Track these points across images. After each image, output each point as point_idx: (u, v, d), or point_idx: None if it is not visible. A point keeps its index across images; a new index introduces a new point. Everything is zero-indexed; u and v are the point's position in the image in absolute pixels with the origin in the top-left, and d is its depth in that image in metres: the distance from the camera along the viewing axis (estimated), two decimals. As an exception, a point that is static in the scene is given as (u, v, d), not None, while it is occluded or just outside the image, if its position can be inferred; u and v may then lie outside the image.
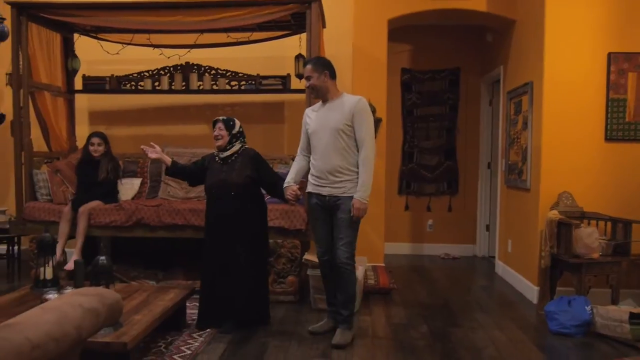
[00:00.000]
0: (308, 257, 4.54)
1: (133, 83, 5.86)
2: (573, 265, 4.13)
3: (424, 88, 7.11)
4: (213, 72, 5.74)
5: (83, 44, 5.80)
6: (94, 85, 5.82)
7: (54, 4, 4.95)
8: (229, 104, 6.14)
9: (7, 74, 5.90)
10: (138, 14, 4.88)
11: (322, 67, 3.61)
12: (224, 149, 3.90)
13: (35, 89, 5.15)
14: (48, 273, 3.52)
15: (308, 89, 3.80)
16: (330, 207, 3.62)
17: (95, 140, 4.99)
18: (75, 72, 5.80)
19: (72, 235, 4.78)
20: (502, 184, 5.95)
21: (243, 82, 5.72)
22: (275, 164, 5.16)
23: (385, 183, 5.93)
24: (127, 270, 4.99)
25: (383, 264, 5.74)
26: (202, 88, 5.74)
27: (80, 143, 5.49)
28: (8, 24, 4.84)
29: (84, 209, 4.72)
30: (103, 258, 3.20)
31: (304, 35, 4.88)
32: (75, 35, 5.77)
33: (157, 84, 5.77)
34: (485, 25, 6.36)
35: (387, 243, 6.07)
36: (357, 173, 3.56)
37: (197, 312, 3.93)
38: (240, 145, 3.94)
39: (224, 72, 5.74)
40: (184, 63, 5.78)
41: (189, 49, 5.67)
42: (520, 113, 5.21)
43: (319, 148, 3.61)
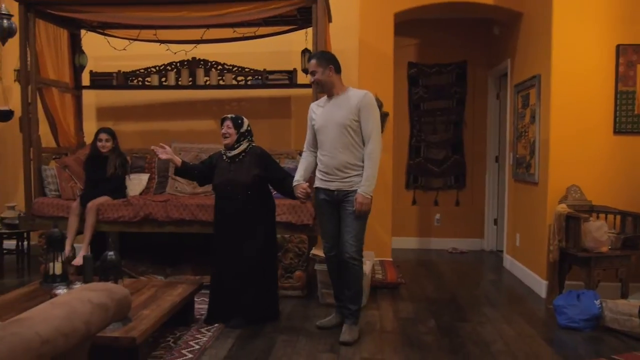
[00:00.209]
0: (315, 252, 4.54)
1: (140, 79, 5.86)
2: (582, 259, 4.11)
3: (431, 82, 7.08)
4: (219, 67, 5.73)
5: (90, 40, 5.82)
6: (101, 81, 5.83)
7: (61, 0, 4.97)
8: (236, 99, 6.14)
9: (15, 71, 5.94)
10: (144, 10, 4.89)
11: (326, 61, 3.59)
12: (232, 148, 3.89)
13: (43, 85, 5.17)
14: (57, 268, 3.53)
15: (313, 84, 3.79)
16: (339, 201, 3.60)
17: (103, 136, 5.00)
18: (83, 68, 5.82)
19: (80, 231, 4.80)
20: (509, 178, 5.92)
21: (249, 77, 5.71)
22: (282, 159, 5.16)
23: (393, 177, 5.92)
24: (135, 266, 5.01)
25: (390, 259, 5.74)
26: (208, 83, 5.73)
27: (88, 139, 5.51)
28: (16, 21, 4.90)
29: (92, 205, 4.75)
30: (111, 253, 3.22)
31: (310, 30, 4.87)
32: (83, 32, 5.79)
33: (164, 80, 5.77)
34: (492, 18, 6.32)
35: (394, 237, 6.06)
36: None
37: (205, 307, 3.95)
38: (248, 144, 3.93)
39: (231, 67, 5.73)
40: (191, 58, 5.78)
41: (196, 45, 5.68)
42: (528, 106, 5.17)
43: (326, 144, 3.59)
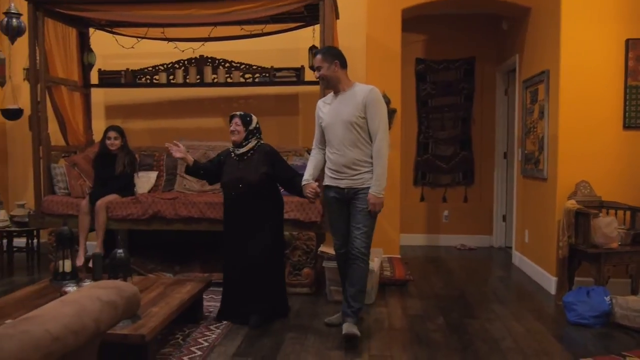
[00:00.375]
0: (324, 249, 4.54)
1: (148, 77, 5.88)
2: (592, 255, 4.09)
3: (439, 78, 7.05)
4: (227, 65, 5.73)
5: (98, 39, 5.84)
6: (110, 80, 5.86)
7: (70, -1, 4.99)
8: (243, 97, 6.15)
9: (24, 69, 5.97)
10: (152, 8, 4.90)
11: (332, 57, 3.56)
12: (240, 145, 3.89)
13: (52, 84, 5.20)
14: (67, 266, 3.56)
15: (319, 80, 3.77)
16: (349, 199, 3.58)
17: (112, 134, 5.02)
18: (91, 66, 5.84)
19: (91, 228, 4.83)
20: (518, 174, 5.89)
21: (257, 74, 5.71)
22: (290, 157, 5.16)
23: (401, 174, 5.90)
24: (144, 263, 5.04)
25: (399, 256, 5.73)
26: (216, 81, 5.74)
27: (97, 137, 5.54)
28: (25, 20, 4.92)
29: (102, 203, 4.77)
30: (121, 251, 3.23)
31: (318, 27, 4.85)
32: (91, 30, 5.81)
33: (171, 78, 5.78)
34: (500, 14, 6.28)
35: (402, 234, 6.05)
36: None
37: (214, 304, 3.96)
38: (256, 142, 3.93)
39: (238, 64, 5.73)
40: (198, 56, 5.79)
41: (203, 42, 5.69)
42: (537, 102, 5.14)
43: (334, 142, 3.58)
